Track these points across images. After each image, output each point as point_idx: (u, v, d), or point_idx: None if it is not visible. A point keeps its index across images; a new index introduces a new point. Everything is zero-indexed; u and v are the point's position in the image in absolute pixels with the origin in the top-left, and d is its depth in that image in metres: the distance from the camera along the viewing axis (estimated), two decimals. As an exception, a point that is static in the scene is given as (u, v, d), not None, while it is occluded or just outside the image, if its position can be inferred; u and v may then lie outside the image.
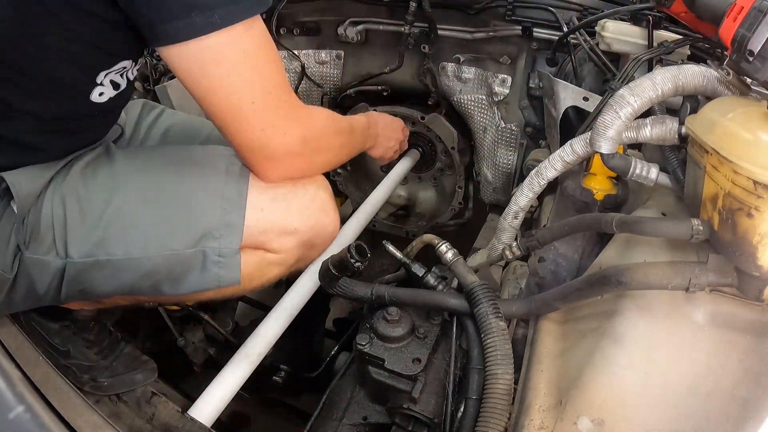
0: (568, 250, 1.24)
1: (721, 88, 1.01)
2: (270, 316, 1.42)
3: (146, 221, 1.01)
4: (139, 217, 1.01)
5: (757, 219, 0.78)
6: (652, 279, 0.87)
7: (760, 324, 0.85)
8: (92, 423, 0.68)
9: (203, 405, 1.19)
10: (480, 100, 2.03)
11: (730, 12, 0.89)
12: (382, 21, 2.11)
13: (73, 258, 0.96)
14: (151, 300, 1.34)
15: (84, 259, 0.97)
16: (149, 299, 1.32)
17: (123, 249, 0.99)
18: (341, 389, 1.18)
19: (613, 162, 1.10)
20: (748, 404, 0.78)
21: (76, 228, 0.97)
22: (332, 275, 1.12)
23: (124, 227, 0.99)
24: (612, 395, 0.83)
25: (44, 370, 0.72)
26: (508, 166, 2.04)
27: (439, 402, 1.02)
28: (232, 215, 1.03)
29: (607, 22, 1.55)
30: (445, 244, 1.15)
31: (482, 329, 0.97)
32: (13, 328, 0.80)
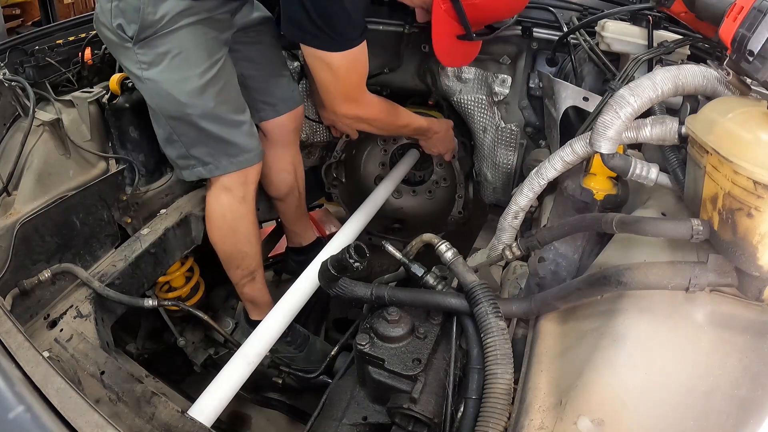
0: (568, 250, 1.24)
1: (721, 88, 1.01)
2: (270, 316, 1.43)
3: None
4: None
5: (757, 219, 0.78)
6: (652, 279, 0.87)
7: (759, 324, 0.85)
8: (93, 423, 0.68)
9: (203, 405, 1.19)
10: (480, 100, 2.02)
11: (730, 12, 0.89)
12: (382, 21, 2.10)
13: None
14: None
15: None
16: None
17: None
18: (341, 389, 1.18)
19: (613, 162, 1.10)
20: (748, 404, 0.78)
21: None
22: (331, 275, 1.12)
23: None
24: (612, 395, 0.83)
25: (44, 370, 0.72)
26: (508, 166, 2.04)
27: (439, 402, 1.02)
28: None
29: (607, 22, 1.55)
30: (445, 243, 1.15)
31: (482, 329, 0.97)
32: (13, 328, 0.79)
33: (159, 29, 1.35)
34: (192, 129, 1.47)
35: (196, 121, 1.45)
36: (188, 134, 1.49)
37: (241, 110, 1.55)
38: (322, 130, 2.39)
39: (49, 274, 1.37)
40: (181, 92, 1.41)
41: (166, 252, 1.69)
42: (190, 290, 1.88)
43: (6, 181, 1.40)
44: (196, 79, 1.41)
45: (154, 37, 1.36)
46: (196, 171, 1.56)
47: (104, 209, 1.60)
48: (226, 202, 1.62)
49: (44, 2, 3.91)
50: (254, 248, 1.71)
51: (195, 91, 1.41)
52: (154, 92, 1.44)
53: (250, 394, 1.79)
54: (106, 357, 1.23)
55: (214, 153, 1.53)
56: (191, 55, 1.40)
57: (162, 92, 1.42)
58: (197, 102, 1.43)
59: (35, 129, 1.47)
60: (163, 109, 1.46)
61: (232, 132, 1.51)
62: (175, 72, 1.40)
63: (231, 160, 1.54)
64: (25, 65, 1.63)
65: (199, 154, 1.52)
